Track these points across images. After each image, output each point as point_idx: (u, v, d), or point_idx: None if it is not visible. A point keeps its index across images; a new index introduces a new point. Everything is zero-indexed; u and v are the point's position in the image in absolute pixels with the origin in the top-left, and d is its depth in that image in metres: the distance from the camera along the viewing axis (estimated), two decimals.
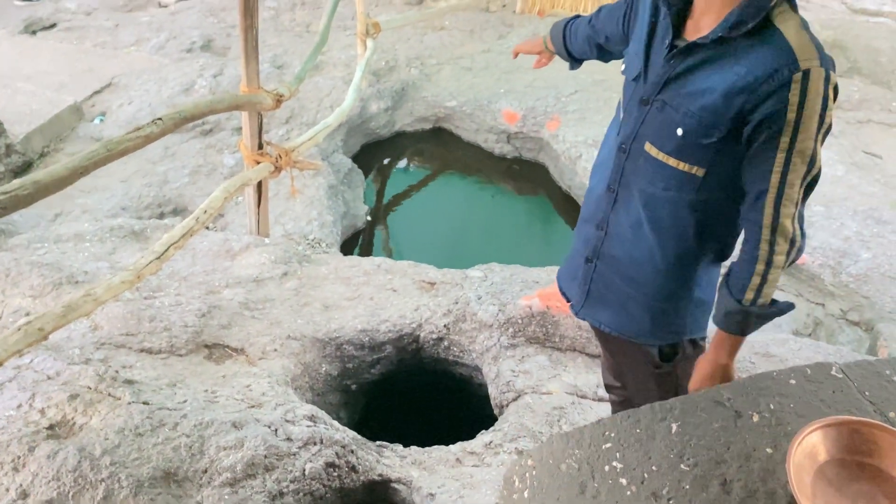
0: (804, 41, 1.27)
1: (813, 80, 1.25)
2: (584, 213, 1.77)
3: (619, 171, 1.57)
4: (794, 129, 1.27)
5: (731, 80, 1.31)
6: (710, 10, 1.36)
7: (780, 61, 1.26)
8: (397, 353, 3.03)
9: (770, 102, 1.27)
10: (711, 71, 1.35)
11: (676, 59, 1.41)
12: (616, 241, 1.63)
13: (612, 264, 1.66)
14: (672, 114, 1.41)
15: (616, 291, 1.68)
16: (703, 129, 1.37)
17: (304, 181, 4.57)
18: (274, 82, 5.83)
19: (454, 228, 5.00)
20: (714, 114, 1.35)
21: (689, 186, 1.46)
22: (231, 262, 3.39)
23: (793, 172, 1.30)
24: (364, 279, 3.28)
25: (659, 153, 1.46)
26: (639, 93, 1.50)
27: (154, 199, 4.58)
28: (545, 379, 2.62)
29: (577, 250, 1.80)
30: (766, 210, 1.34)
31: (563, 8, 7.74)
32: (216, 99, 2.85)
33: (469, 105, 5.69)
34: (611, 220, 1.62)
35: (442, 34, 7.06)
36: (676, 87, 1.41)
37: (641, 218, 1.55)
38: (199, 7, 7.53)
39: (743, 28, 1.29)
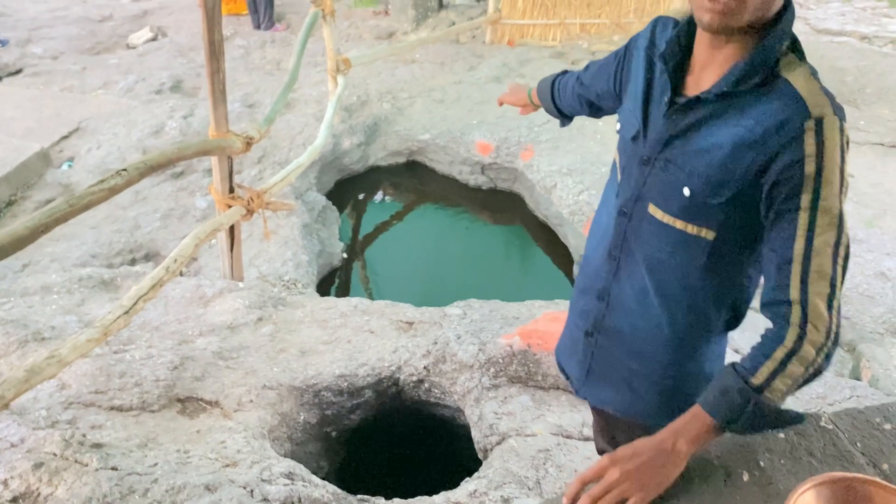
0: (814, 89, 1.17)
1: (828, 129, 1.14)
2: (581, 284, 1.64)
3: (620, 237, 1.45)
4: (816, 183, 1.13)
5: (740, 135, 1.21)
6: (712, 64, 1.26)
7: (791, 111, 1.16)
8: (377, 398, 2.96)
9: (785, 156, 1.15)
10: (717, 126, 1.25)
11: (678, 115, 1.30)
12: (619, 312, 1.50)
13: (616, 338, 1.53)
14: (677, 173, 1.30)
15: (620, 368, 1.54)
16: (711, 188, 1.25)
17: (278, 221, 4.51)
18: (245, 121, 5.81)
19: (431, 262, 4.96)
20: (723, 171, 1.23)
21: (698, 250, 1.34)
22: (204, 308, 3.32)
23: (819, 237, 1.14)
24: (341, 321, 3.21)
25: (664, 215, 1.35)
26: (639, 152, 1.39)
27: (125, 245, 4.49)
28: (529, 420, 2.57)
29: (574, 323, 1.66)
30: (793, 284, 1.17)
31: (531, 37, 7.81)
32: (184, 145, 2.79)
33: (442, 137, 5.69)
34: (613, 289, 1.50)
35: (413, 67, 7.08)
36: (680, 145, 1.30)
37: (647, 286, 1.43)
38: (168, 48, 7.50)
39: (749, 82, 1.20)
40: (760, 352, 1.20)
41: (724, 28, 1.16)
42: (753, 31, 1.18)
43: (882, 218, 4.61)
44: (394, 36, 8.15)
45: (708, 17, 1.15)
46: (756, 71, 1.19)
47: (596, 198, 4.67)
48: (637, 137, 1.40)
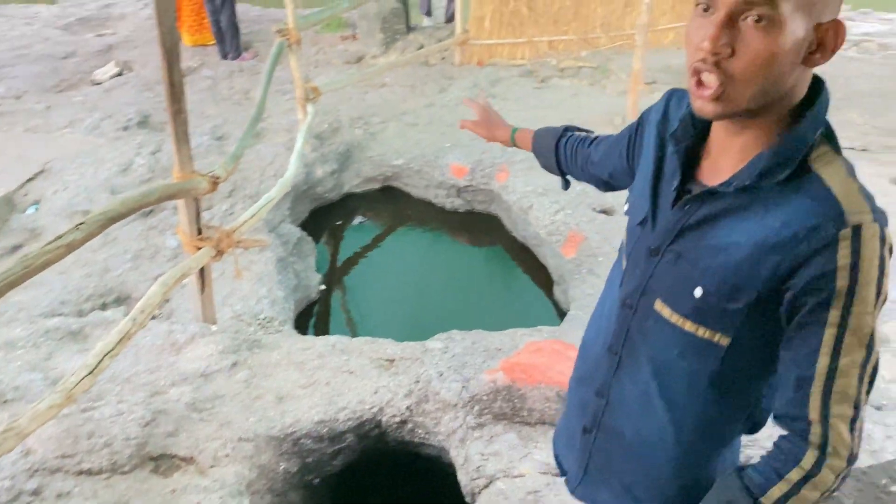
0: (852, 190, 1.01)
1: (866, 239, 0.99)
2: (579, 372, 1.48)
3: (623, 331, 1.30)
4: (848, 299, 1.00)
5: (762, 235, 1.05)
6: (730, 150, 1.11)
7: (824, 214, 1.00)
8: (359, 441, 2.87)
9: (814, 265, 1.01)
10: (736, 222, 1.09)
11: (692, 204, 1.15)
12: (620, 412, 1.34)
13: (616, 439, 1.37)
14: (688, 269, 1.16)
15: (619, 471, 1.38)
16: (727, 291, 1.10)
17: (251, 257, 4.41)
18: (215, 155, 5.71)
19: (411, 288, 4.88)
20: (740, 274, 1.08)
21: (710, 356, 1.17)
22: (177, 356, 3.21)
23: (846, 356, 1.02)
24: (319, 362, 3.12)
25: (672, 314, 1.19)
26: (646, 240, 1.25)
27: (95, 289, 4.37)
28: (516, 459, 2.49)
29: (573, 413, 1.50)
30: (812, 403, 1.05)
31: (500, 56, 7.81)
32: (146, 192, 2.70)
33: (416, 162, 5.63)
34: (613, 386, 1.34)
35: (384, 91, 7.03)
36: (694, 238, 1.15)
37: (651, 389, 1.27)
38: (134, 82, 7.40)
39: (775, 177, 1.05)
40: (773, 468, 1.09)
41: (720, 116, 1.04)
42: (776, 115, 1.05)
43: None
44: (363, 60, 8.10)
45: (697, 105, 1.04)
46: (784, 164, 1.04)
47: (572, 217, 4.63)
48: (645, 223, 1.26)
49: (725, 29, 0.97)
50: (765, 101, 1.01)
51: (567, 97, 6.80)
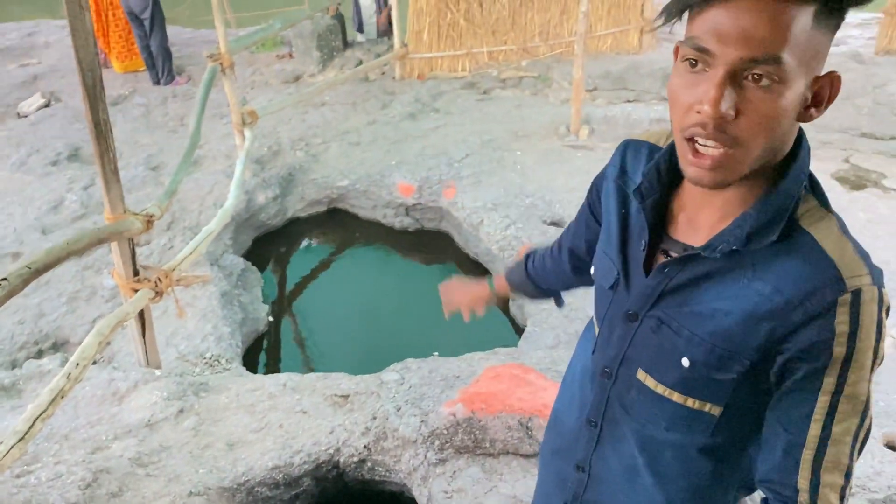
0: (847, 251, 0.94)
1: (865, 304, 0.92)
2: (554, 444, 1.39)
3: (602, 402, 1.21)
4: (844, 367, 0.94)
5: (753, 302, 0.97)
6: (709, 207, 1.03)
7: (820, 279, 0.93)
8: (317, 484, 2.75)
9: (810, 332, 0.94)
10: (722, 287, 1.01)
11: (672, 267, 1.06)
12: (604, 487, 1.26)
13: None
14: (673, 338, 1.06)
15: None
16: (716, 361, 1.02)
17: (194, 293, 4.24)
18: (151, 185, 5.52)
19: (364, 312, 4.76)
20: (731, 343, 1.00)
21: (701, 426, 1.10)
22: (119, 406, 3.04)
23: (839, 423, 0.95)
24: (270, 403, 2.99)
25: (657, 385, 1.11)
26: (621, 305, 1.15)
27: (29, 336, 4.14)
28: (482, 494, 2.40)
29: (550, 488, 1.40)
30: (802, 473, 0.97)
31: (441, 69, 7.76)
32: (74, 239, 2.54)
33: (362, 182, 5.52)
34: (594, 461, 1.25)
35: (324, 110, 6.91)
36: (675, 304, 1.06)
37: (638, 463, 1.18)
38: (62, 114, 7.12)
39: (766, 238, 0.96)
40: None
41: (717, 185, 0.94)
42: (762, 172, 0.96)
43: None
44: (301, 79, 7.96)
45: (694, 173, 0.94)
46: (772, 223, 0.96)
47: (523, 231, 4.58)
48: (616, 286, 1.17)
49: (727, 89, 0.86)
50: (766, 163, 0.94)
51: (511, 108, 6.78)
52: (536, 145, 5.94)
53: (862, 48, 7.76)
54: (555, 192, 5.03)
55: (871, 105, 6.15)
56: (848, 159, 5.61)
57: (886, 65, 6.99)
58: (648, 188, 1.08)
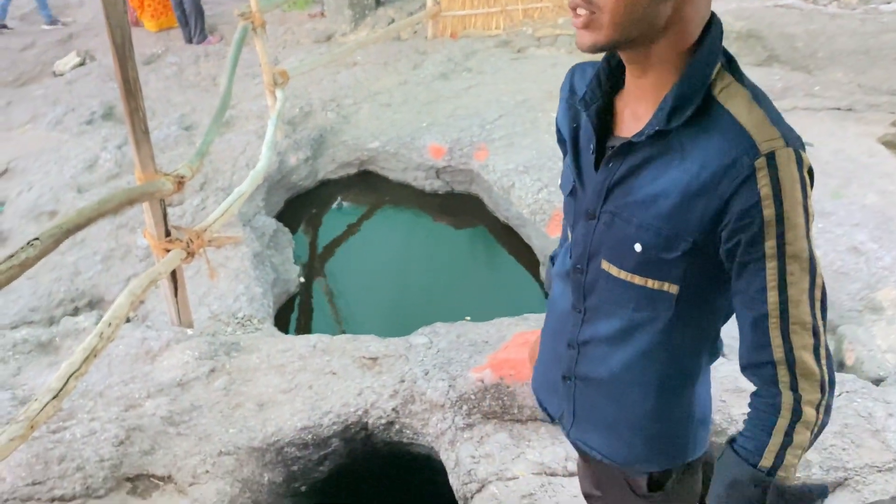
0: (759, 119, 1.03)
1: (782, 164, 1.00)
2: (549, 325, 1.51)
3: (580, 292, 1.33)
4: (779, 228, 1.02)
5: (685, 182, 1.08)
6: (641, 99, 1.14)
7: (737, 150, 1.02)
8: (346, 445, 2.77)
9: (738, 201, 1.03)
10: (658, 171, 1.12)
11: (614, 161, 1.17)
12: (592, 361, 1.37)
13: (594, 385, 1.40)
14: (624, 227, 1.18)
15: (603, 413, 1.41)
16: (663, 242, 1.13)
17: (226, 253, 4.26)
18: (184, 145, 5.53)
19: (394, 275, 4.75)
20: (673, 223, 1.10)
21: (663, 303, 1.20)
22: (152, 364, 3.08)
23: (793, 286, 1.03)
24: (300, 364, 3.00)
25: (620, 272, 1.22)
26: (581, 207, 1.27)
27: (66, 294, 4.21)
28: (509, 460, 2.39)
29: (549, 362, 1.52)
30: (774, 342, 1.06)
31: (474, 27, 7.61)
32: (105, 199, 2.54)
33: (392, 144, 5.47)
34: (581, 339, 1.37)
35: (355, 70, 6.84)
36: (622, 195, 1.18)
37: (617, 337, 1.30)
38: (97, 72, 7.15)
39: (682, 115, 1.06)
40: (759, 427, 1.09)
41: (594, 46, 1.05)
42: (670, 56, 1.07)
43: (847, 187, 4.52)
44: (332, 38, 7.88)
45: (577, 39, 1.07)
46: (687, 101, 1.06)
47: (556, 195, 4.51)
48: (574, 192, 1.30)
49: None
50: (633, 30, 1.03)
51: (546, 67, 6.63)
52: None
53: None
54: None
55: None
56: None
57: None
58: (591, 95, 1.20)
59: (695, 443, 1.38)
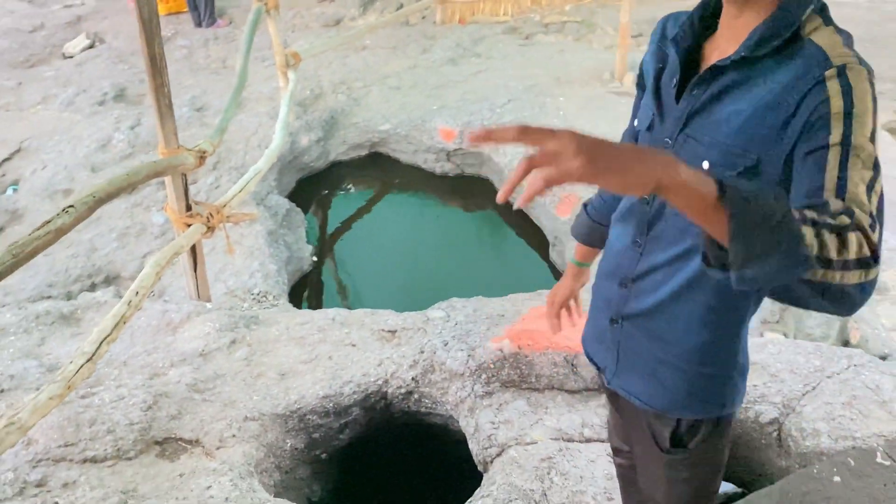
0: (836, 42, 1.09)
1: (853, 74, 1.03)
2: (603, 268, 1.53)
3: (644, 224, 1.37)
4: (847, 120, 1.00)
5: (760, 97, 1.13)
6: (734, 33, 1.20)
7: (810, 64, 1.08)
8: (365, 414, 2.83)
9: (807, 102, 1.05)
10: (740, 93, 1.17)
11: (698, 88, 1.23)
12: (644, 297, 1.40)
13: (641, 324, 1.43)
14: (696, 147, 1.22)
15: (647, 357, 1.44)
16: (730, 158, 1.16)
17: (241, 231, 4.33)
18: (196, 126, 5.58)
19: (406, 256, 4.82)
20: (742, 137, 1.14)
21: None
22: (173, 336, 3.14)
23: (853, 168, 0.98)
24: (319, 336, 3.07)
25: None
26: (657, 139, 1.32)
27: (83, 270, 4.28)
28: (527, 426, 2.46)
29: (598, 309, 1.56)
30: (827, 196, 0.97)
31: (482, 13, 7.65)
32: (134, 171, 2.60)
33: (403, 126, 5.52)
34: (635, 276, 1.41)
35: (365, 54, 6.88)
36: (701, 120, 1.22)
37: (672, 271, 1.34)
38: (107, 54, 7.18)
39: (769, 45, 1.13)
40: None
41: None
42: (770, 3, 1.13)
43: None
44: (341, 23, 7.91)
45: None
46: (776, 33, 1.12)
47: None
48: (652, 126, 1.34)
49: None
50: None
51: (553, 54, 6.68)
52: (579, 92, 5.86)
53: None
54: None
55: None
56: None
57: None
58: (682, 35, 1.27)
59: (733, 393, 1.41)
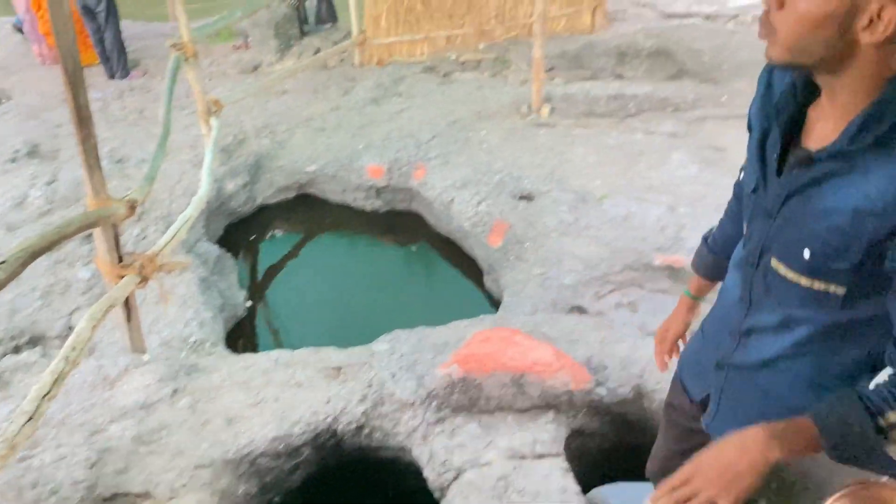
0: None
1: None
2: (718, 312, 1.57)
3: (748, 284, 1.41)
4: None
5: (861, 203, 1.12)
6: (830, 115, 1.19)
7: None
8: (317, 453, 2.82)
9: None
10: (837, 187, 1.16)
11: (798, 170, 1.23)
12: (751, 349, 1.44)
13: (745, 373, 1.46)
14: (796, 233, 1.24)
15: (748, 407, 1.46)
16: (831, 252, 1.18)
17: (173, 281, 4.25)
18: (117, 179, 5.47)
19: (341, 295, 4.81)
20: (842, 237, 1.15)
21: (828, 305, 1.25)
22: (111, 390, 3.06)
23: None
24: (264, 379, 3.04)
25: (787, 271, 1.28)
26: (762, 204, 1.33)
27: (5, 332, 4.10)
28: (481, 448, 2.50)
29: (706, 347, 1.59)
30: None
31: (400, 54, 7.81)
32: (65, 224, 2.55)
33: (330, 166, 5.56)
34: (744, 328, 1.44)
35: (286, 98, 6.91)
36: (799, 203, 1.23)
37: (779, 333, 1.37)
38: (16, 111, 6.97)
39: (865, 139, 1.10)
40: (892, 393, 1.12)
41: (774, 61, 1.14)
42: (863, 82, 1.10)
43: None
44: (259, 68, 7.93)
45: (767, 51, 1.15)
46: (872, 126, 1.09)
47: (494, 207, 4.69)
48: (757, 190, 1.34)
49: None
50: (804, 57, 1.10)
51: (472, 90, 6.87)
52: (500, 125, 6.04)
53: None
54: (522, 169, 5.15)
55: None
56: None
57: None
58: (784, 103, 1.27)
59: None
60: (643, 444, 2.92)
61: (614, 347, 2.99)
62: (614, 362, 2.90)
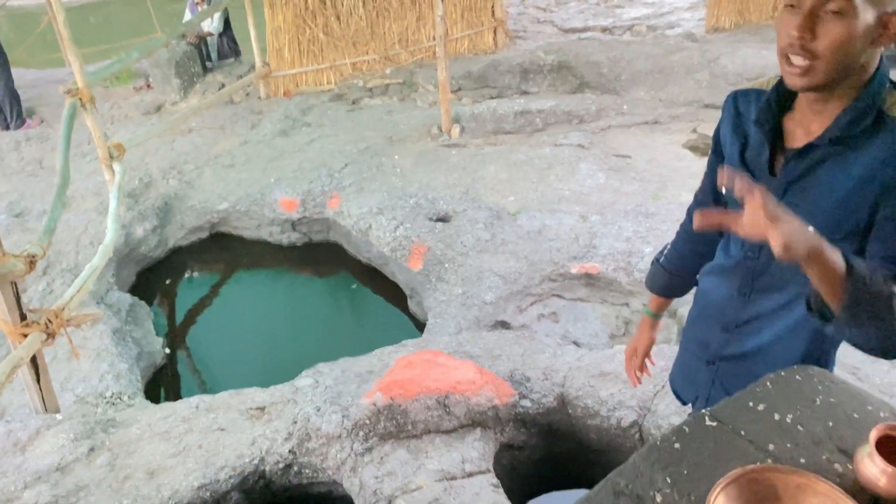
0: None
1: None
2: (698, 314, 1.68)
3: (749, 276, 1.52)
4: None
5: (859, 173, 1.29)
6: (819, 117, 1.34)
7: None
8: (246, 496, 2.75)
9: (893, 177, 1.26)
10: (836, 166, 1.33)
11: (795, 161, 1.37)
12: (746, 340, 1.56)
13: (738, 363, 1.59)
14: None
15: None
16: (833, 224, 1.32)
17: (84, 334, 4.09)
18: (17, 233, 5.24)
19: (264, 332, 4.73)
20: (846, 206, 1.31)
21: None
22: (23, 455, 2.91)
23: None
24: (185, 427, 2.96)
25: None
26: None
27: None
28: (411, 474, 2.50)
29: (690, 352, 1.72)
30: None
31: (306, 84, 7.78)
32: None
33: (242, 203, 5.47)
34: (741, 319, 1.56)
35: (192, 137, 6.78)
36: (800, 189, 1.37)
37: (777, 316, 1.50)
38: None
39: (861, 124, 1.28)
40: None
41: (810, 87, 1.26)
42: (854, 86, 1.28)
43: (664, 189, 5.06)
44: (162, 108, 7.76)
45: (789, 80, 1.27)
46: (864, 114, 1.27)
47: (412, 230, 4.70)
48: None
49: (809, 19, 1.21)
50: (843, 74, 1.25)
51: (382, 115, 6.90)
52: (412, 148, 6.09)
53: (694, 28, 8.45)
54: (436, 190, 5.19)
55: (708, 78, 6.72)
56: (695, 129, 6.11)
57: (716, 41, 7.65)
58: (764, 117, 1.41)
59: None
60: (571, 452, 2.97)
61: (535, 358, 3.05)
62: (536, 373, 2.94)
